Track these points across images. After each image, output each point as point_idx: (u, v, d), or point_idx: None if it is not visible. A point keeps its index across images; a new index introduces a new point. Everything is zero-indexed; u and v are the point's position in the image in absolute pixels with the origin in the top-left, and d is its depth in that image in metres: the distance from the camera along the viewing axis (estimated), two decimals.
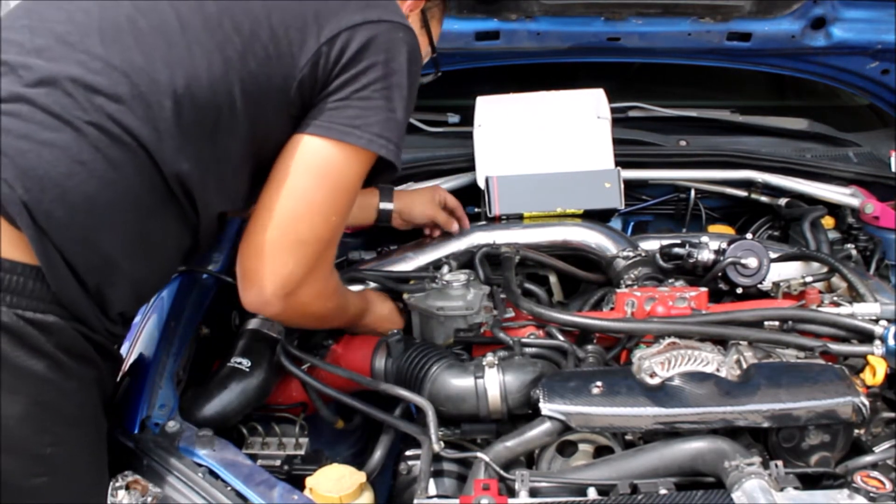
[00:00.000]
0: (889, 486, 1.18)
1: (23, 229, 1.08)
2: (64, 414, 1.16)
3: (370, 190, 1.87)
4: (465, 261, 1.85)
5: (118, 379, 1.46)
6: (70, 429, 1.17)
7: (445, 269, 1.78)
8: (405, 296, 1.73)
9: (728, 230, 2.15)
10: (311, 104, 1.29)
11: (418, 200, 1.91)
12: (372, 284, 1.79)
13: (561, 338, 1.59)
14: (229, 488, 1.26)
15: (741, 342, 1.52)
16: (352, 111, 1.27)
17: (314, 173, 1.29)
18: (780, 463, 1.27)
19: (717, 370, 1.43)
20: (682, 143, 2.25)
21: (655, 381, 1.38)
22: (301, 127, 1.29)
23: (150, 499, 1.25)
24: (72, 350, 1.16)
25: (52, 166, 1.10)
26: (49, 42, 1.17)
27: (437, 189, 1.97)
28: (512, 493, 1.27)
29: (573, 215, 1.99)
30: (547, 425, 1.36)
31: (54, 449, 1.14)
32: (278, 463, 1.43)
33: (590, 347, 1.57)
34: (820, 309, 1.61)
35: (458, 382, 1.46)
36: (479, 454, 1.33)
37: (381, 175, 1.37)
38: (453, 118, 2.35)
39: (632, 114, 2.35)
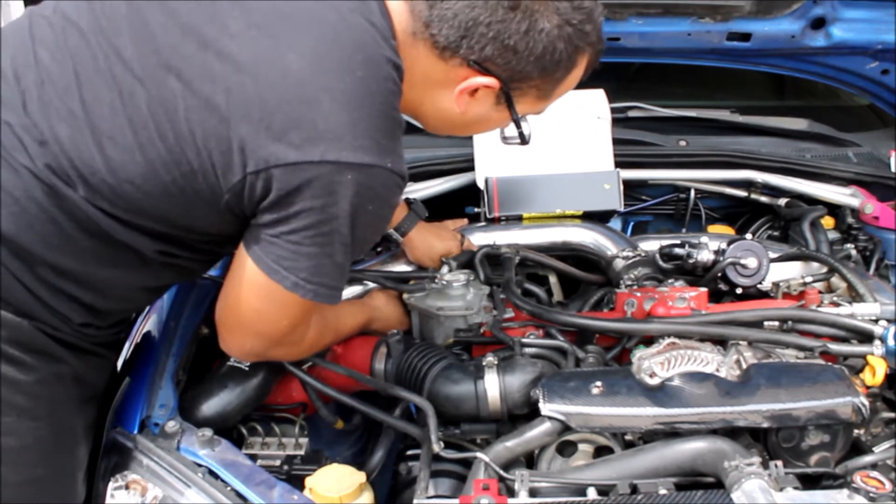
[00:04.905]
0: (889, 486, 1.18)
1: None
2: (14, 406, 1.16)
3: (399, 205, 1.84)
4: (465, 261, 1.85)
5: (116, 374, 1.46)
6: (21, 421, 1.18)
7: (445, 269, 1.78)
8: (405, 296, 1.74)
9: (728, 230, 2.15)
10: (247, 220, 1.20)
11: (424, 251, 1.84)
12: (371, 285, 1.80)
13: (561, 338, 1.59)
14: (229, 488, 1.26)
15: (741, 342, 1.52)
16: (281, 251, 1.17)
17: (255, 291, 1.23)
18: (779, 463, 1.27)
19: (717, 370, 1.43)
20: (682, 143, 2.25)
21: (655, 381, 1.38)
22: (243, 237, 1.23)
23: (149, 499, 1.26)
24: (26, 344, 1.17)
25: None
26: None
27: (454, 240, 1.88)
28: (512, 493, 1.27)
29: (572, 216, 1.99)
30: (547, 425, 1.35)
31: (2, 439, 1.15)
32: (278, 463, 1.43)
33: (590, 347, 1.57)
34: (820, 309, 1.61)
35: (458, 383, 1.46)
36: (478, 454, 1.33)
37: None
38: None
39: (632, 114, 2.35)
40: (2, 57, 1.17)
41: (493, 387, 1.44)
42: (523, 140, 1.37)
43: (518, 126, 1.33)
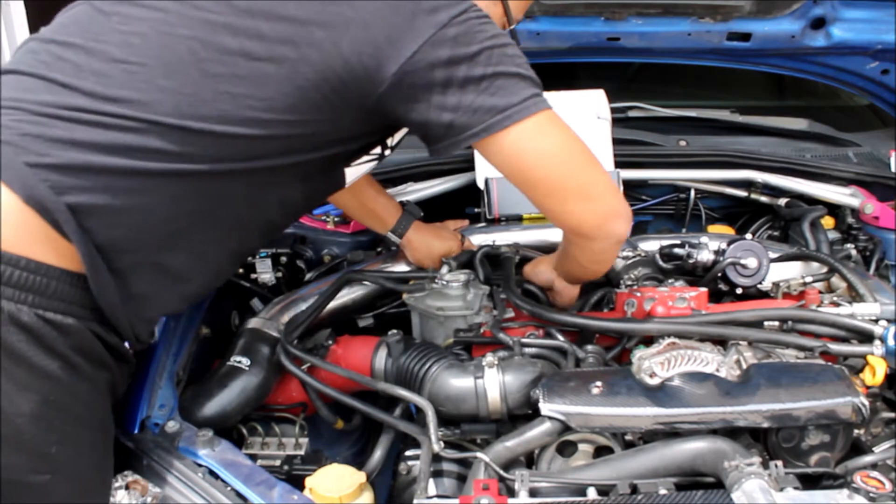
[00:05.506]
0: (889, 486, 1.18)
1: (69, 234, 1.11)
2: (73, 414, 1.17)
3: (393, 207, 1.86)
4: (465, 261, 1.85)
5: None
6: (77, 429, 1.18)
7: (445, 269, 1.78)
8: (405, 296, 1.73)
9: (728, 230, 2.15)
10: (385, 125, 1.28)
11: (424, 252, 1.86)
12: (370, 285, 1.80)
13: (561, 338, 1.59)
14: (229, 488, 1.26)
15: (741, 342, 1.52)
16: (483, 100, 1.23)
17: (537, 154, 1.30)
18: (779, 463, 1.27)
19: (717, 370, 1.43)
20: (682, 143, 2.25)
21: (655, 381, 1.38)
22: (471, 136, 1.26)
23: (149, 499, 1.25)
24: (87, 352, 1.17)
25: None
26: (108, 67, 1.16)
27: (454, 240, 1.90)
28: (512, 493, 1.27)
29: None
30: (547, 425, 1.35)
31: (59, 448, 1.14)
32: (278, 463, 1.44)
33: (590, 347, 1.57)
34: (820, 309, 1.61)
35: (458, 382, 1.46)
36: (478, 454, 1.33)
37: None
38: None
39: (632, 114, 2.35)
40: (108, 44, 1.18)
41: (493, 387, 1.44)
42: (514, 37, 1.44)
43: (510, 23, 1.47)
